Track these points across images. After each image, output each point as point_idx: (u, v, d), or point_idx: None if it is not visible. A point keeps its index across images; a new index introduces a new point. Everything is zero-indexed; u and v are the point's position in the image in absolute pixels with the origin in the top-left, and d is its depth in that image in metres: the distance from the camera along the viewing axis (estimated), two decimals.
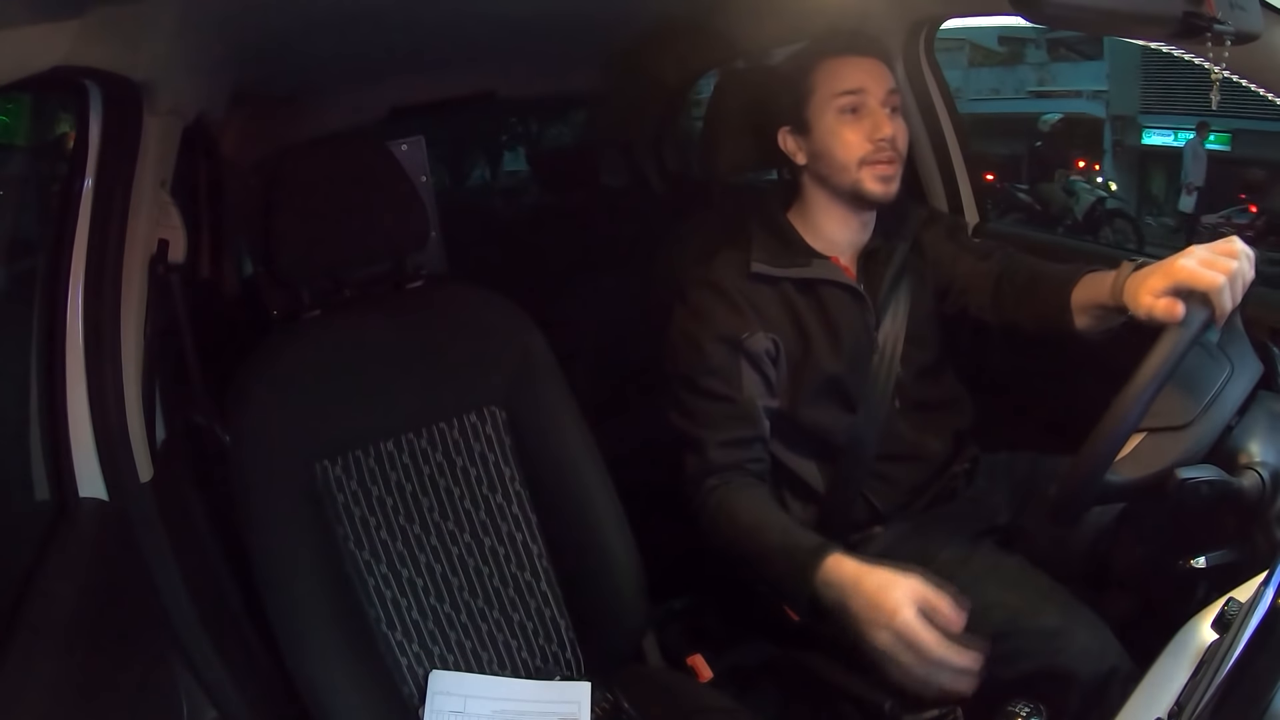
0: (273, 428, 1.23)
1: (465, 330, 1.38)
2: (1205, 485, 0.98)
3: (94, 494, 1.04)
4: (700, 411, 1.34)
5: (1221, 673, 0.71)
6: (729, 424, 1.32)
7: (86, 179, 1.04)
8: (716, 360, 1.34)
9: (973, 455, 1.47)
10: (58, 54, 0.82)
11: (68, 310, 1.03)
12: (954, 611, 1.03)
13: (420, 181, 1.98)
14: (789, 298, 1.37)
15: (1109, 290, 1.16)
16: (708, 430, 1.32)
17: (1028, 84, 9.13)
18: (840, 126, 1.35)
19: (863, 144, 1.34)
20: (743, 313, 1.35)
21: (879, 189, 1.35)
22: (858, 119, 1.34)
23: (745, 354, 1.34)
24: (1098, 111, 8.86)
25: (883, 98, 1.34)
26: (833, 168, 1.36)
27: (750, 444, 1.33)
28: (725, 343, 1.34)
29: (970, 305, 1.42)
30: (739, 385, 1.33)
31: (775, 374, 1.36)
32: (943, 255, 1.46)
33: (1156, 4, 0.91)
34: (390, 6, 1.48)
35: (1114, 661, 1.14)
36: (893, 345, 1.39)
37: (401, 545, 1.30)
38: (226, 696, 1.07)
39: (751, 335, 1.34)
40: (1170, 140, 8.29)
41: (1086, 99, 8.94)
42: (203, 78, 1.33)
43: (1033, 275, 1.35)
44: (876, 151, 1.33)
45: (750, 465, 1.32)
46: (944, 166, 1.79)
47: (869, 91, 1.33)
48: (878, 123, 1.33)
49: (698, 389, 1.34)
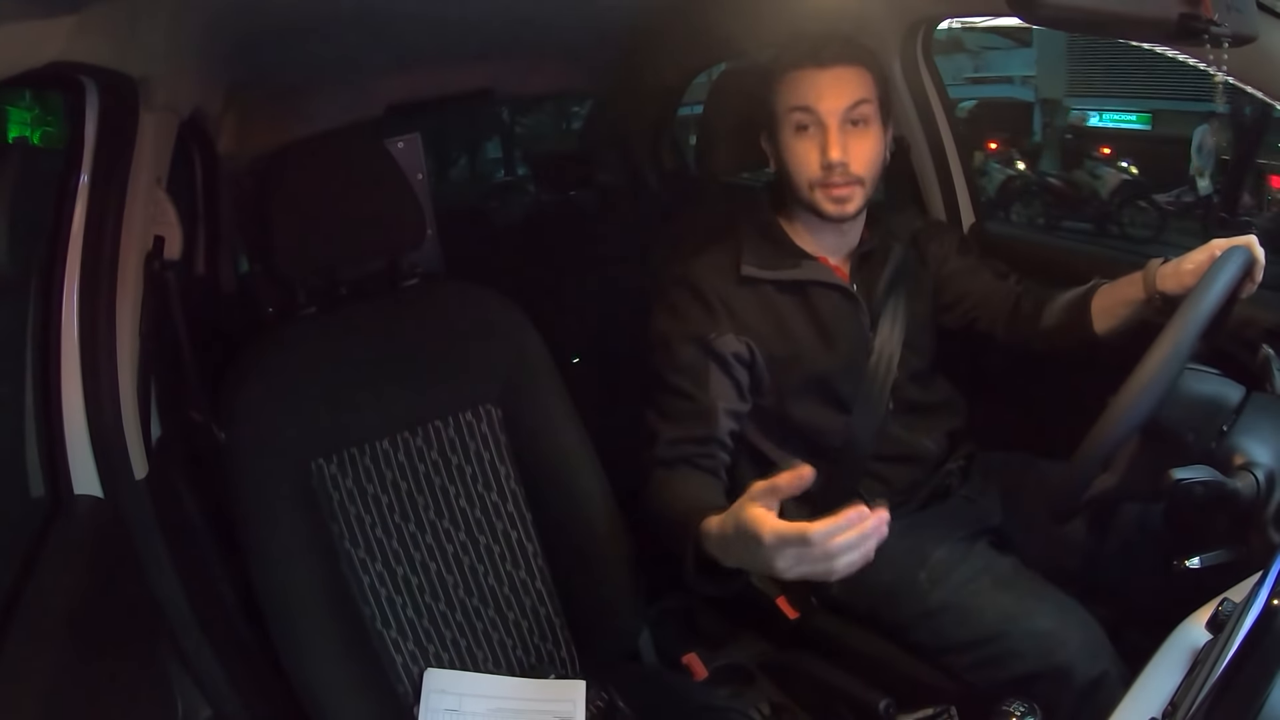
0: (268, 425, 1.23)
1: (461, 328, 1.37)
2: (1200, 486, 0.99)
3: (89, 491, 1.03)
4: (662, 406, 1.34)
5: (1215, 673, 0.71)
6: (685, 421, 1.32)
7: (82, 175, 1.04)
8: (684, 359, 1.34)
9: (967, 453, 1.48)
10: (53, 50, 0.82)
11: (63, 307, 1.03)
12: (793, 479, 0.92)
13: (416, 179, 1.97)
14: (773, 300, 1.37)
15: (1141, 285, 1.22)
16: (663, 423, 1.32)
17: (965, 71, 9.32)
18: (794, 143, 1.33)
19: (814, 166, 1.32)
20: (715, 314, 1.35)
21: (833, 209, 1.33)
22: (809, 137, 1.32)
23: (713, 355, 1.33)
24: (1028, 96, 9.34)
25: (841, 114, 1.30)
26: (791, 184, 1.36)
27: (703, 442, 1.31)
28: (694, 342, 1.34)
29: (981, 319, 1.43)
30: (705, 386, 1.32)
31: (747, 378, 1.36)
32: (957, 269, 1.46)
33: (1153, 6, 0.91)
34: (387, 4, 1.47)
35: (1106, 664, 1.15)
36: (890, 350, 1.39)
37: (397, 543, 1.30)
38: (222, 694, 1.07)
39: (720, 337, 1.33)
40: (1097, 121, 8.73)
41: (1018, 84, 9.27)
42: (198, 74, 1.33)
43: (1049, 296, 1.37)
44: (826, 174, 1.31)
45: (699, 461, 1.30)
46: (940, 167, 1.79)
47: (824, 109, 1.30)
48: (826, 144, 1.30)
49: (666, 385, 1.34)
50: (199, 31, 1.21)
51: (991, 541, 1.36)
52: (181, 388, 1.27)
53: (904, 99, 1.73)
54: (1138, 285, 1.23)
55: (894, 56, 1.70)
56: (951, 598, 1.26)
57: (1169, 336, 1.02)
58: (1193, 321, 1.03)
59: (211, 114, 1.63)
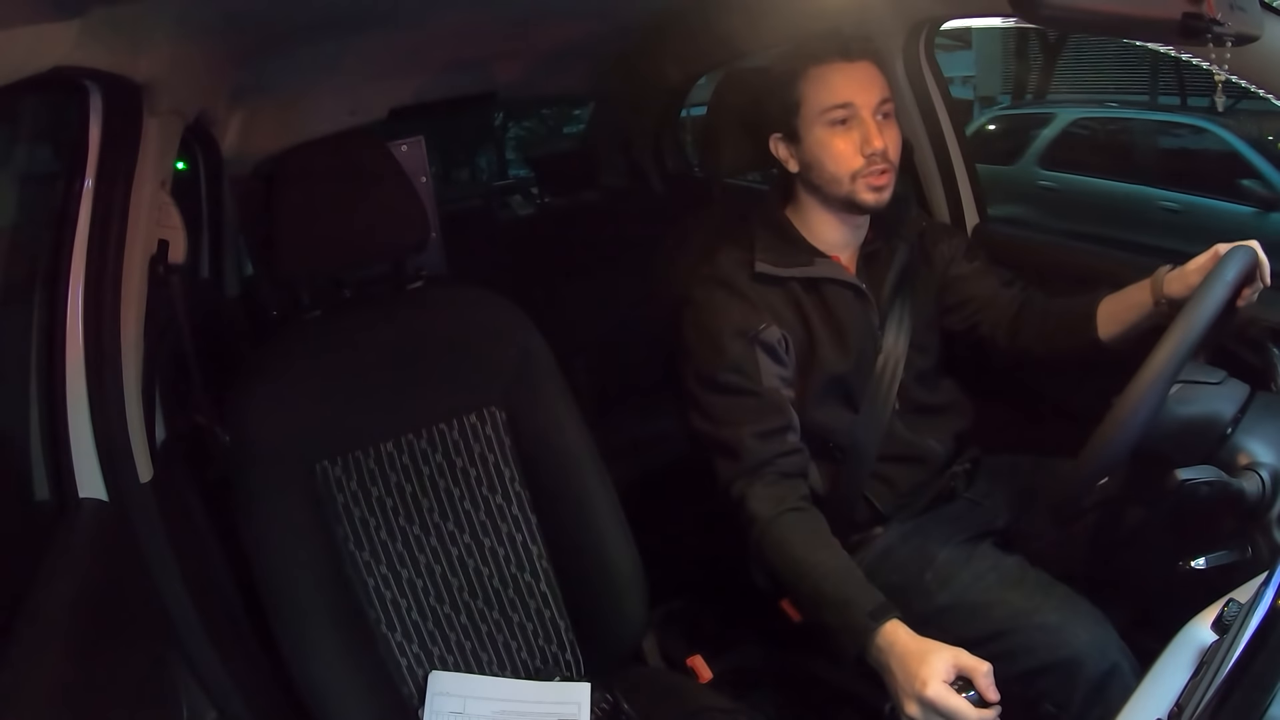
0: (272, 428, 1.23)
1: (465, 331, 1.38)
2: (1205, 486, 0.99)
3: (94, 494, 1.04)
4: (725, 409, 1.32)
5: (1221, 674, 0.71)
6: (757, 417, 1.30)
7: (87, 179, 1.04)
8: (734, 354, 1.32)
9: (973, 456, 1.48)
10: (58, 54, 0.82)
11: (68, 310, 1.03)
12: (989, 685, 1.03)
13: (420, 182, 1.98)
14: (795, 296, 1.37)
15: (1149, 291, 1.23)
16: (736, 428, 1.29)
17: None
18: (830, 139, 1.33)
19: (855, 157, 1.32)
20: (754, 307, 1.34)
21: (872, 198, 1.34)
22: (848, 130, 1.32)
23: (761, 345, 1.32)
24: (966, 94, 10.07)
25: (874, 107, 1.32)
26: (824, 179, 1.35)
27: (783, 434, 1.30)
28: (741, 336, 1.32)
29: (984, 324, 1.43)
30: (758, 378, 1.31)
31: (790, 368, 1.35)
32: (963, 272, 1.46)
33: (1156, 6, 0.91)
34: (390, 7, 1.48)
35: (1116, 657, 1.14)
36: (898, 350, 1.40)
37: (401, 546, 1.30)
38: (227, 697, 1.07)
39: (767, 328, 1.33)
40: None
41: (959, 84, 9.77)
42: (203, 78, 1.33)
43: (1053, 303, 1.38)
44: (869, 164, 1.32)
45: (784, 461, 1.29)
46: (944, 167, 1.79)
47: (860, 103, 1.31)
48: (868, 135, 1.31)
49: (718, 386, 1.32)
50: (203, 36, 1.21)
51: (996, 542, 1.36)
52: (186, 391, 1.27)
53: (907, 99, 1.73)
54: (1146, 291, 1.24)
55: (897, 57, 1.71)
56: (958, 597, 1.26)
57: (1173, 336, 1.02)
58: (1196, 320, 1.02)
59: (216, 118, 1.64)
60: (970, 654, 1.05)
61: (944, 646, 1.07)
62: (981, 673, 1.03)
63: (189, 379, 1.27)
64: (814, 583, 1.19)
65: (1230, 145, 5.77)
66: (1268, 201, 5.29)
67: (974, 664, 1.04)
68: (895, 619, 1.12)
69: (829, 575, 1.19)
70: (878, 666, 1.11)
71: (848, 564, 1.21)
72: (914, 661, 1.06)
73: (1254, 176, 5.57)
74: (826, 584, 1.18)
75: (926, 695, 1.03)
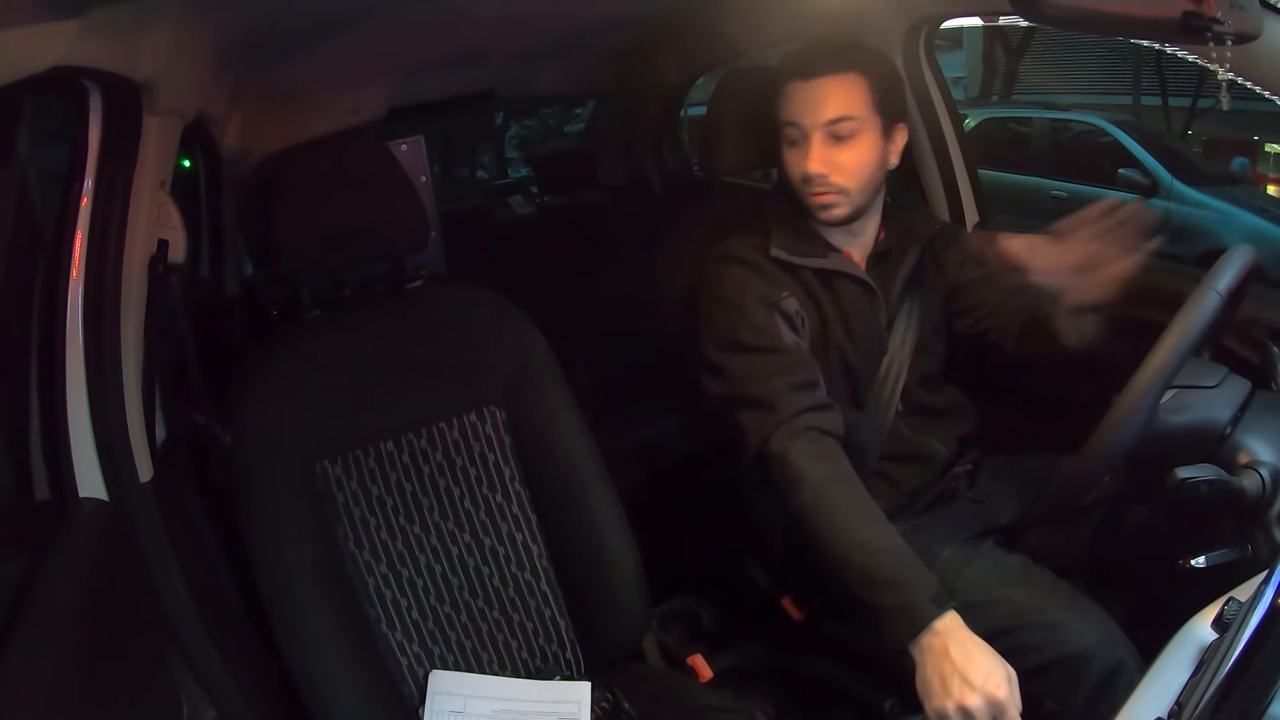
0: (272, 428, 1.23)
1: (465, 330, 1.38)
2: (1205, 485, 0.99)
3: (94, 494, 1.03)
4: (752, 366, 1.29)
5: (1221, 672, 0.71)
6: (788, 370, 1.27)
7: (86, 179, 1.04)
8: (757, 317, 1.31)
9: (975, 457, 1.48)
10: (56, 54, 0.82)
11: (67, 310, 1.03)
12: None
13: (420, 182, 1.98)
14: (809, 284, 1.37)
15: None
16: (766, 380, 1.26)
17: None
18: (785, 153, 1.37)
19: (796, 176, 1.35)
20: (773, 281, 1.35)
21: (820, 215, 1.36)
22: (796, 148, 1.35)
23: (780, 313, 1.32)
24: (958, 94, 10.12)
25: (822, 127, 1.31)
26: (791, 188, 1.38)
27: (814, 388, 1.27)
28: (762, 301, 1.32)
29: (993, 330, 1.43)
30: (779, 338, 1.30)
31: (805, 344, 1.34)
32: (975, 277, 1.46)
33: (1156, 4, 0.91)
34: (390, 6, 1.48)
35: (1122, 654, 1.14)
36: (903, 350, 1.40)
37: (401, 545, 1.30)
38: (227, 696, 1.07)
39: (786, 297, 1.33)
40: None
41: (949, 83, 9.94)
42: (202, 77, 1.33)
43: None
44: (805, 184, 1.34)
45: (820, 416, 1.24)
46: (944, 167, 1.79)
47: (806, 123, 1.32)
48: (804, 157, 1.33)
49: (742, 346, 1.30)
50: (202, 35, 1.21)
51: (999, 541, 1.36)
52: (186, 391, 1.27)
53: (907, 99, 1.73)
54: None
55: (896, 56, 1.70)
56: (962, 596, 1.25)
57: (1173, 335, 1.02)
58: (1196, 318, 1.02)
59: (215, 117, 1.64)
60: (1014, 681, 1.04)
61: (999, 660, 1.05)
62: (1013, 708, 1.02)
63: (189, 378, 1.26)
64: (868, 557, 1.13)
65: (1117, 138, 6.66)
66: (1144, 189, 6.19)
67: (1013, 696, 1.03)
68: (953, 609, 1.09)
69: (886, 552, 1.14)
70: (924, 651, 1.07)
71: (904, 545, 1.15)
72: (985, 657, 1.04)
73: (1133, 166, 6.37)
74: (883, 560, 1.13)
75: (998, 697, 1.01)
